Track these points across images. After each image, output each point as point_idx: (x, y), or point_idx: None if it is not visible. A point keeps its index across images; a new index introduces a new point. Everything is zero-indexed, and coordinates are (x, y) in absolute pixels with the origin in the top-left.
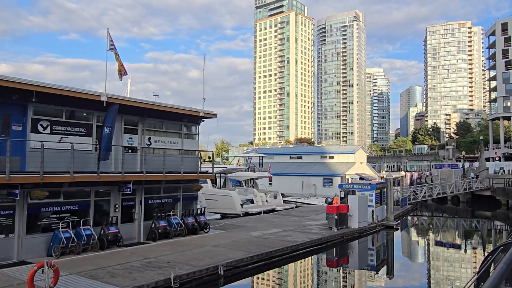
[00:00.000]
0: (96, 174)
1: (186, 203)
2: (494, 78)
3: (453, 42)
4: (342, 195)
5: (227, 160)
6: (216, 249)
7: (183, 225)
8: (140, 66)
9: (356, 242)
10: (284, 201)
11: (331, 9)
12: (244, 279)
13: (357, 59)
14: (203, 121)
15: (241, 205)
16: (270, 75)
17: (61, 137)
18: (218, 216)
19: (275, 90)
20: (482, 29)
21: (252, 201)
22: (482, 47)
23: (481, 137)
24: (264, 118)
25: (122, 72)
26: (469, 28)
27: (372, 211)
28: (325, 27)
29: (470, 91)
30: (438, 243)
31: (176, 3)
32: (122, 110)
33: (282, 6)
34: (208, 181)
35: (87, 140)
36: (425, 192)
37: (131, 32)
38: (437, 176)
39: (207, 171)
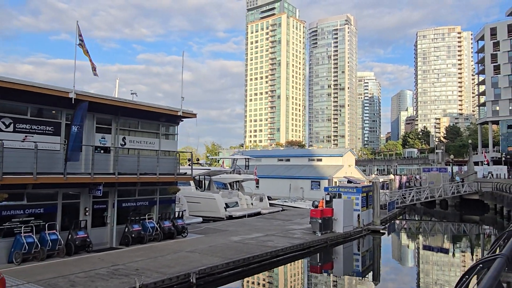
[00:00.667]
0: (62, 176)
1: (164, 206)
2: (483, 83)
3: (443, 47)
4: (328, 199)
5: (218, 162)
6: (191, 255)
7: (159, 229)
8: (132, 67)
9: (341, 247)
10: (271, 204)
11: (323, 12)
12: None
13: (348, 63)
14: (182, 120)
15: (225, 208)
16: (262, 78)
17: (26, 136)
18: (200, 219)
19: (266, 92)
20: (471, 34)
21: (236, 204)
22: (472, 52)
23: (470, 141)
24: (255, 121)
25: (93, 68)
26: (459, 33)
27: (358, 215)
28: (316, 30)
29: (459, 96)
30: (425, 248)
31: (168, 5)
32: (94, 108)
33: (273, 8)
34: (192, 183)
35: (54, 139)
36: (413, 196)
37: (123, 33)
38: (425, 180)
39: (185, 172)
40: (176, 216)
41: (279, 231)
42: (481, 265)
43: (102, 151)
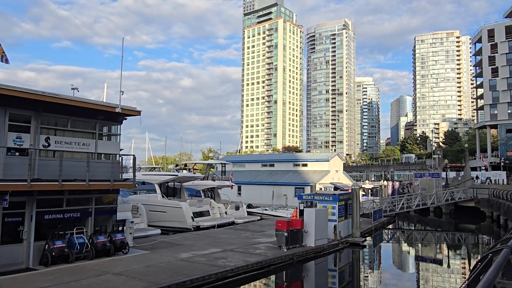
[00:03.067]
0: None
1: (103, 218)
2: (481, 86)
3: (442, 51)
4: (302, 208)
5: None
6: (115, 279)
7: (89, 245)
8: (133, 74)
9: (313, 263)
10: (250, 213)
11: (323, 19)
12: None
13: (346, 68)
14: (126, 119)
15: (192, 218)
16: (258, 83)
17: None
18: (158, 231)
19: (263, 97)
20: (470, 39)
21: (207, 214)
22: (471, 57)
23: (466, 145)
24: (252, 126)
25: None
26: (458, 37)
27: (335, 226)
28: (314, 35)
29: (458, 100)
30: (414, 260)
31: (168, 12)
32: (6, 102)
33: (270, 13)
34: (158, 190)
35: None
36: (403, 203)
37: (124, 40)
38: (417, 186)
39: (126, 179)
40: (115, 229)
41: (242, 245)
42: (490, 254)
43: (17, 154)
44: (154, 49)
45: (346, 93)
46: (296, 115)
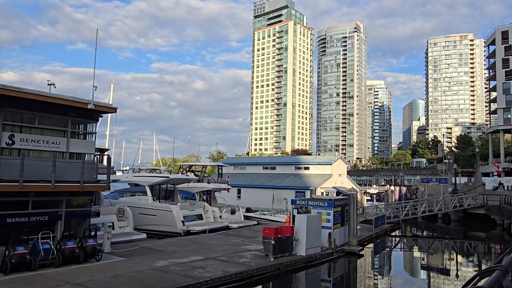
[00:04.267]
0: None
1: (75, 222)
2: (494, 89)
3: (455, 55)
4: (296, 213)
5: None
6: None
7: (55, 251)
8: (146, 76)
9: (303, 274)
10: (247, 217)
11: (335, 22)
12: None
13: (357, 71)
14: (101, 116)
15: (183, 222)
16: (268, 85)
17: None
18: (143, 236)
19: (273, 100)
20: (484, 42)
21: (200, 218)
22: (485, 60)
23: (477, 150)
24: (261, 129)
25: None
26: (471, 40)
27: (330, 234)
28: (325, 38)
29: (472, 104)
30: (415, 271)
31: (182, 15)
32: None
33: (280, 15)
34: (148, 192)
35: None
36: (408, 210)
37: (138, 43)
38: (424, 191)
39: (99, 180)
40: (87, 234)
41: (228, 252)
42: (478, 277)
43: None
44: (167, 52)
45: (357, 96)
46: (306, 118)
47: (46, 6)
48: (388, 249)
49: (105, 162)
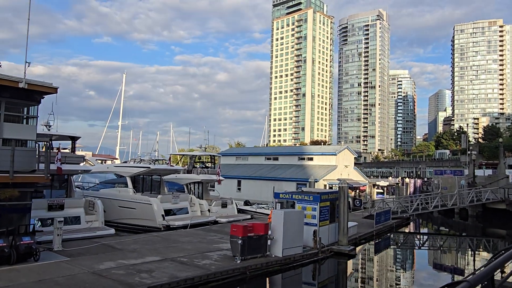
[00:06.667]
0: None
1: (17, 217)
2: None
3: (483, 42)
4: (279, 208)
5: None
6: None
7: None
8: (170, 68)
9: (279, 278)
10: (241, 211)
11: (358, 11)
12: None
13: (380, 60)
14: (43, 97)
15: (163, 216)
16: (287, 75)
17: None
18: (112, 231)
19: (292, 90)
20: None
21: (184, 211)
22: None
23: (501, 140)
24: (280, 120)
25: None
26: (501, 26)
27: (315, 232)
28: (346, 27)
29: (500, 94)
30: (415, 274)
31: (204, 7)
32: None
33: (300, 3)
34: (129, 184)
35: None
36: (418, 204)
37: (161, 35)
38: (437, 184)
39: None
40: (21, 232)
41: (194, 252)
42: None
43: None
44: (190, 44)
45: (379, 86)
46: (326, 108)
47: (73, 0)
48: (388, 247)
49: (90, 155)
